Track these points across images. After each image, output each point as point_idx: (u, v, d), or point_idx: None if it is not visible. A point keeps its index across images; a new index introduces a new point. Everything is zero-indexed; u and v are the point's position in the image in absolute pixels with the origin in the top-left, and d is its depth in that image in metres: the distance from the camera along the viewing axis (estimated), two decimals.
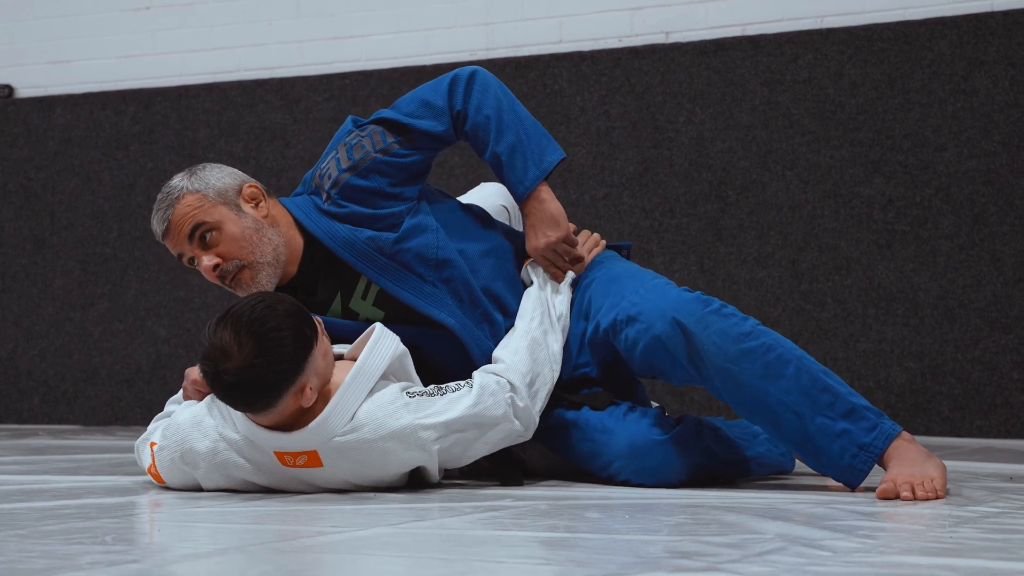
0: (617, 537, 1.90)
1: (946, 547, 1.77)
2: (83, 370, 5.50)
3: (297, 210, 2.78)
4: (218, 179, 2.73)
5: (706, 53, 4.78)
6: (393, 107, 2.82)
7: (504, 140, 2.77)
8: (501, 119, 2.77)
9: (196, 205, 2.68)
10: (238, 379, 2.35)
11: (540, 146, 2.78)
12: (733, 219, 4.70)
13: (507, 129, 2.77)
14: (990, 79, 4.44)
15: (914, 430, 4.33)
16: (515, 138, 2.77)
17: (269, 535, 1.96)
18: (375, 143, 2.77)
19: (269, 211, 2.74)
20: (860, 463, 2.48)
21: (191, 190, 2.70)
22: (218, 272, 2.68)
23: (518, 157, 2.77)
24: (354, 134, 2.79)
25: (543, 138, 2.80)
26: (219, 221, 2.68)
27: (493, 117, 2.76)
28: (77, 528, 1.99)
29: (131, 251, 5.47)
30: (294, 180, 5.23)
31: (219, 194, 2.70)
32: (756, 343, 2.53)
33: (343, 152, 2.77)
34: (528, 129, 2.78)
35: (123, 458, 3.42)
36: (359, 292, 2.78)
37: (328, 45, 5.33)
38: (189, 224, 2.67)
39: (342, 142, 2.79)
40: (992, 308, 4.38)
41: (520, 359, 2.61)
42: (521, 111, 2.81)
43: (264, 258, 2.69)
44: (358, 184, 2.73)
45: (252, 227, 2.69)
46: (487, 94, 2.78)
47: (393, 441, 2.46)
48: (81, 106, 5.61)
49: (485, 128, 2.77)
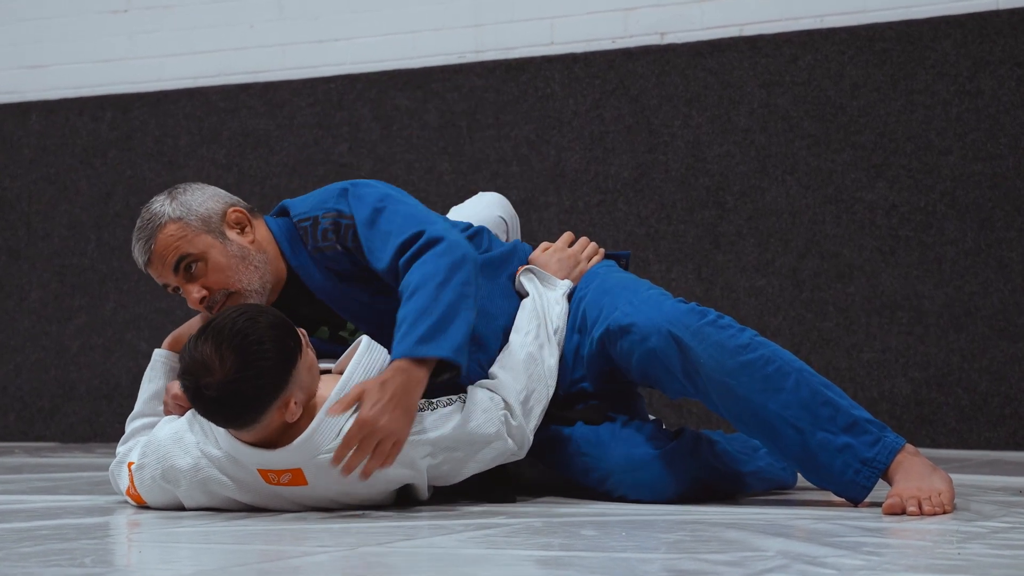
0: (614, 555, 1.90)
1: (954, 564, 1.77)
2: (60, 385, 5.49)
3: (287, 246, 2.74)
4: (200, 204, 2.70)
5: (702, 54, 4.78)
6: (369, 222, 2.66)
7: (408, 306, 2.51)
8: (419, 289, 2.52)
9: (179, 235, 2.66)
10: (220, 394, 2.35)
11: (434, 334, 2.47)
12: (731, 226, 4.70)
13: (416, 299, 2.51)
14: (996, 79, 4.45)
15: (920, 442, 4.33)
16: (419, 308, 2.49)
17: (253, 555, 1.96)
18: (342, 237, 2.68)
19: (255, 236, 2.72)
20: (863, 479, 2.48)
21: (173, 218, 2.67)
22: (206, 303, 2.67)
23: (405, 326, 2.48)
24: (332, 215, 2.68)
25: (442, 330, 2.48)
26: (204, 252, 2.66)
27: (413, 283, 2.53)
28: (55, 550, 1.99)
29: (109, 262, 5.46)
30: (278, 188, 5.23)
31: (203, 221, 2.68)
32: (754, 355, 2.53)
33: (315, 229, 2.70)
34: (440, 312, 2.49)
35: (102, 476, 3.41)
36: (350, 328, 2.79)
37: (312, 48, 5.33)
38: (173, 256, 2.65)
39: (317, 215, 2.70)
40: (999, 316, 4.39)
41: (515, 376, 2.61)
42: (451, 297, 2.52)
43: (251, 286, 2.68)
44: (328, 261, 2.72)
45: (238, 255, 2.68)
46: (429, 263, 2.55)
47: None
48: (57, 112, 5.60)
49: (404, 291, 2.55)
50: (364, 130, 5.18)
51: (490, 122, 5.02)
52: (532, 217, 4.87)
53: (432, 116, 5.09)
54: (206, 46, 5.46)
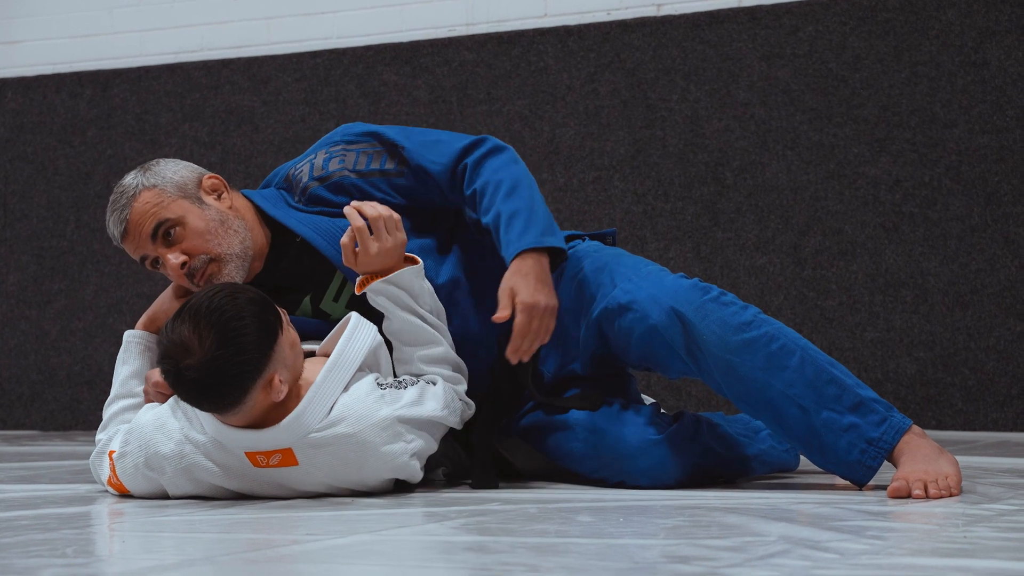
0: (611, 542, 1.90)
1: (960, 548, 1.78)
2: (40, 371, 5.48)
3: (265, 202, 2.77)
4: (174, 172, 2.71)
5: (700, 26, 4.78)
6: (406, 135, 2.78)
7: (513, 202, 2.66)
8: (517, 186, 2.68)
9: (155, 202, 2.67)
10: (202, 375, 2.35)
11: (550, 227, 2.66)
12: (731, 202, 4.71)
13: (520, 197, 2.67)
14: (1002, 50, 4.45)
15: (925, 424, 4.35)
16: (527, 204, 2.66)
17: (240, 544, 1.96)
18: (357, 162, 2.74)
19: (233, 202, 2.73)
20: (869, 459, 2.48)
21: (147, 186, 2.68)
22: (186, 270, 2.66)
23: (521, 221, 2.64)
24: (340, 146, 2.76)
25: (553, 224, 2.68)
26: (182, 216, 2.67)
27: (506, 181, 2.68)
28: (36, 540, 1.99)
29: (90, 244, 5.45)
30: (263, 166, 5.22)
31: (178, 188, 2.69)
32: (758, 332, 2.53)
33: (320, 159, 2.76)
34: (542, 209, 2.67)
35: (84, 465, 3.41)
36: (331, 293, 2.78)
37: (298, 21, 5.32)
38: (151, 222, 2.66)
39: (324, 149, 2.77)
40: (1006, 293, 4.40)
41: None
42: (538, 195, 2.71)
43: (232, 250, 2.68)
44: (325, 197, 2.73)
45: (217, 219, 2.68)
46: (511, 166, 2.71)
47: (373, 434, 2.46)
48: (34, 89, 5.59)
49: (496, 188, 2.68)
50: (352, 106, 5.17)
51: (482, 97, 5.01)
52: None
53: (422, 92, 5.08)
54: (187, 20, 5.45)
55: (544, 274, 2.59)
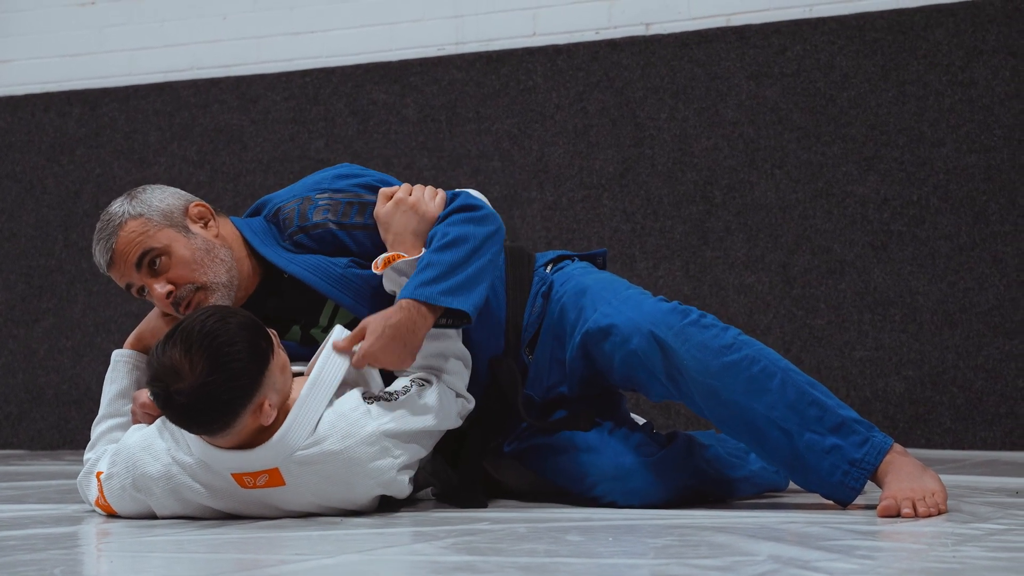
0: (600, 561, 1.90)
1: (949, 567, 1.78)
2: (28, 390, 5.47)
3: (255, 238, 2.75)
4: (161, 200, 2.71)
5: (689, 45, 4.79)
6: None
7: (441, 254, 2.59)
8: (457, 242, 2.60)
9: (141, 230, 2.66)
10: (192, 400, 2.34)
11: (462, 288, 2.57)
12: (720, 221, 4.71)
13: (452, 252, 2.59)
14: (990, 69, 4.47)
15: (914, 442, 4.35)
16: (452, 260, 2.58)
17: (228, 565, 1.95)
18: (342, 213, 2.72)
19: (219, 231, 2.72)
20: (852, 480, 2.49)
21: (133, 215, 2.67)
22: (172, 299, 2.65)
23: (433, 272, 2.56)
24: (327, 194, 2.73)
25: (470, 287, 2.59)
26: (167, 245, 2.66)
27: (452, 234, 2.61)
28: (23, 561, 1.98)
29: (78, 263, 5.44)
30: (252, 185, 5.22)
31: (164, 216, 2.68)
32: (738, 356, 2.54)
33: (306, 207, 2.73)
34: (470, 271, 2.59)
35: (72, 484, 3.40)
36: (322, 324, 2.78)
37: (287, 40, 5.32)
38: (136, 252, 2.65)
39: (312, 195, 2.74)
40: (995, 312, 4.41)
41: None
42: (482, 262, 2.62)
43: (218, 279, 2.67)
44: (309, 245, 2.72)
45: (203, 248, 2.68)
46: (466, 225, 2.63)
47: (360, 450, 2.45)
48: (22, 108, 5.58)
49: (440, 238, 2.61)
50: (341, 125, 5.17)
51: (470, 116, 5.02)
52: (514, 214, 4.87)
53: (411, 110, 5.09)
54: (177, 39, 5.45)
55: (411, 333, 2.51)
